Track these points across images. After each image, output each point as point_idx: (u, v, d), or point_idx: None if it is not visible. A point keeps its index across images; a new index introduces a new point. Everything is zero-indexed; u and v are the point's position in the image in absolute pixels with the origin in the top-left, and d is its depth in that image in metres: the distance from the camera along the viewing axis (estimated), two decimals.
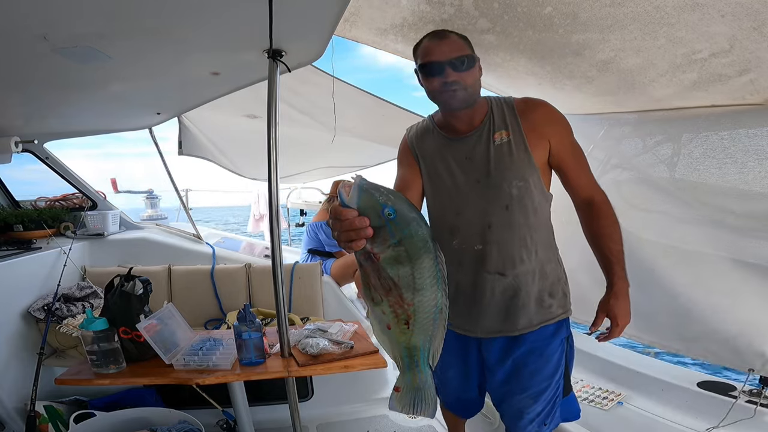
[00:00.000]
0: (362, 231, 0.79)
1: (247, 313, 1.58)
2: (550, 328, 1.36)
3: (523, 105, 1.35)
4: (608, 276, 1.33)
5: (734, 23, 1.21)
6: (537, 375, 1.36)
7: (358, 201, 0.81)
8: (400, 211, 0.81)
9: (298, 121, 3.04)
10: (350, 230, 0.79)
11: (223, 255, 3.17)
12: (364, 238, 0.79)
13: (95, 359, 1.57)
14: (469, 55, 1.25)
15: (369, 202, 0.80)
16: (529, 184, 1.29)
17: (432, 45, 1.25)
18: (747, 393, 1.87)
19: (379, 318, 0.88)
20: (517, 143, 1.29)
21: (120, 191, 3.60)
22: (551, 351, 1.36)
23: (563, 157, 1.34)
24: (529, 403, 1.37)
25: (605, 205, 1.36)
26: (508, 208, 1.29)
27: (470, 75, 1.26)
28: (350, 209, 0.80)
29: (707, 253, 1.91)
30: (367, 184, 0.82)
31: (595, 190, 1.38)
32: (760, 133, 1.68)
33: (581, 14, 1.33)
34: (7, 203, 3.05)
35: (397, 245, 0.82)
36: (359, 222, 0.79)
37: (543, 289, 1.35)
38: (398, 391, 0.96)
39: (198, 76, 1.86)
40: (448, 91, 1.25)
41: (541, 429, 1.40)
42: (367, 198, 0.81)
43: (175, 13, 1.25)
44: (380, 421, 2.58)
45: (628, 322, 1.33)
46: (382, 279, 0.84)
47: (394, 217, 0.80)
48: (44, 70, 1.63)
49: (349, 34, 1.86)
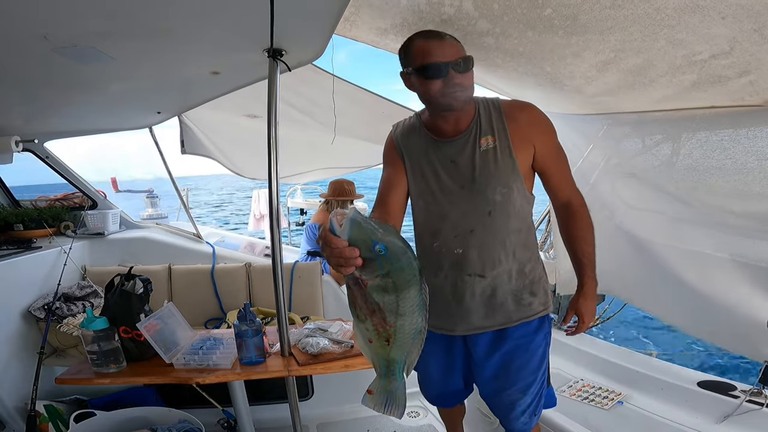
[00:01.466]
0: (352, 260, 0.82)
1: (247, 312, 1.58)
2: (534, 324, 1.40)
3: (510, 108, 1.34)
4: (579, 276, 1.39)
5: (735, 25, 1.21)
6: (524, 369, 1.40)
7: (349, 233, 0.83)
8: (390, 248, 0.84)
9: (298, 121, 3.04)
10: (340, 257, 0.82)
11: (224, 254, 3.17)
12: (355, 265, 0.83)
13: (95, 358, 1.57)
14: (469, 57, 1.25)
15: (360, 236, 0.83)
16: (513, 190, 1.31)
17: (432, 46, 1.22)
18: (747, 393, 1.87)
19: (362, 332, 0.94)
20: (502, 149, 1.30)
21: (120, 190, 3.60)
22: (536, 346, 1.40)
23: (547, 161, 1.35)
24: (519, 397, 1.42)
25: (582, 208, 1.40)
26: (491, 214, 1.31)
27: (470, 77, 1.26)
28: (340, 239, 0.83)
29: (708, 252, 1.92)
30: (360, 218, 0.84)
31: (574, 193, 1.41)
32: (760, 134, 1.68)
33: (581, 16, 1.33)
34: (8, 202, 3.05)
35: (385, 276, 0.86)
36: (349, 252, 0.81)
37: (522, 288, 1.38)
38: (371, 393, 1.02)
39: (198, 75, 1.86)
40: (450, 93, 1.23)
41: (532, 419, 1.45)
42: (358, 232, 0.83)
43: (176, 13, 1.25)
44: (380, 421, 2.58)
45: (592, 320, 1.42)
46: (368, 302, 0.89)
47: (384, 253, 0.84)
48: (44, 69, 1.63)
49: (349, 33, 1.86)
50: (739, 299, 1.83)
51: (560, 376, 2.42)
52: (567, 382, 2.34)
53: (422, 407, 2.69)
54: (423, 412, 2.65)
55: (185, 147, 3.20)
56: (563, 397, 2.17)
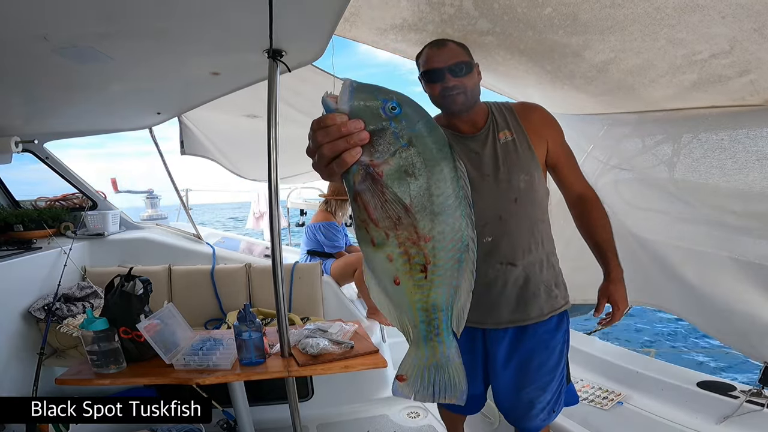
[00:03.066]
0: (356, 135, 0.57)
1: (247, 312, 1.58)
2: (554, 320, 1.42)
3: (521, 108, 1.44)
4: (604, 264, 1.43)
5: (735, 24, 1.21)
6: (544, 367, 1.42)
7: (350, 100, 0.58)
8: (405, 102, 0.59)
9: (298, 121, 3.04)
10: (339, 138, 0.57)
11: (223, 255, 3.17)
12: (359, 145, 0.57)
13: (95, 359, 1.57)
14: (467, 61, 1.34)
15: (365, 100, 0.58)
16: (534, 178, 1.37)
17: (432, 53, 1.34)
18: (747, 393, 1.87)
19: (382, 268, 0.63)
20: (520, 141, 1.38)
21: (120, 191, 3.60)
22: (555, 343, 1.43)
23: (560, 156, 1.45)
24: (539, 394, 1.43)
25: (596, 199, 1.48)
26: (517, 201, 1.36)
27: (469, 79, 1.34)
28: (337, 114, 0.57)
29: (709, 252, 1.91)
30: (359, 83, 0.59)
31: (586, 186, 1.49)
32: (761, 134, 1.68)
33: (581, 15, 1.33)
34: (7, 203, 3.05)
35: (407, 148, 0.59)
36: (352, 125, 0.57)
37: (550, 278, 1.42)
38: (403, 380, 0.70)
39: (198, 76, 1.86)
40: (449, 95, 1.33)
41: (550, 416, 1.47)
42: (361, 96, 0.58)
43: (176, 14, 1.25)
44: (380, 421, 2.58)
45: (626, 305, 1.42)
46: (388, 204, 0.60)
47: (399, 111, 0.58)
48: (44, 70, 1.63)
49: (349, 33, 1.86)
50: (738, 298, 1.83)
51: None
52: None
53: (422, 407, 2.69)
54: (423, 412, 2.65)
55: (185, 147, 3.21)
56: None
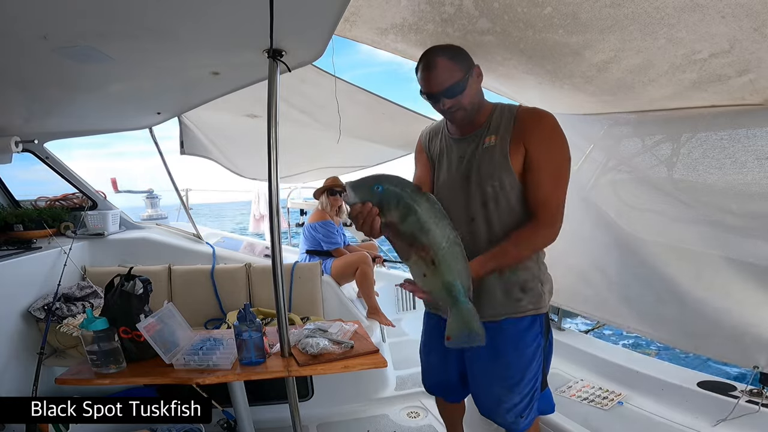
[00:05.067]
0: (371, 212, 1.09)
1: (247, 312, 1.58)
2: (525, 322, 1.43)
3: (522, 112, 1.41)
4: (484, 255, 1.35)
5: (734, 24, 1.21)
6: (512, 366, 1.44)
7: (354, 195, 1.10)
8: (384, 180, 1.10)
9: (298, 121, 3.04)
10: (366, 218, 1.10)
11: (224, 255, 3.18)
12: (375, 215, 1.10)
13: (95, 359, 1.57)
14: (460, 80, 1.33)
15: (362, 191, 1.10)
16: (505, 185, 1.37)
17: (424, 77, 1.36)
18: (747, 393, 1.87)
19: (417, 270, 1.14)
20: (501, 147, 1.38)
21: (120, 191, 3.60)
22: (524, 344, 1.43)
23: (532, 167, 1.34)
24: (505, 393, 1.45)
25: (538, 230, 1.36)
26: (485, 206, 1.39)
27: (466, 96, 1.36)
28: (356, 204, 1.10)
29: (706, 252, 1.91)
30: (353, 181, 1.13)
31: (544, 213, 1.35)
32: (760, 134, 1.68)
33: (581, 14, 1.33)
34: (8, 203, 3.06)
35: (398, 204, 1.10)
36: (365, 208, 1.10)
37: (513, 282, 1.41)
38: (450, 339, 1.20)
39: (198, 76, 1.86)
40: (448, 113, 1.40)
41: (518, 420, 1.47)
42: (358, 189, 1.11)
43: (176, 14, 1.25)
44: (380, 421, 2.58)
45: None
46: (403, 236, 1.12)
47: (382, 189, 1.10)
48: (44, 69, 1.63)
49: (349, 33, 1.86)
50: (735, 299, 1.83)
51: (560, 376, 2.42)
52: (567, 382, 2.34)
53: (422, 407, 2.69)
54: (423, 412, 2.65)
55: (185, 147, 3.21)
56: (563, 398, 2.17)
